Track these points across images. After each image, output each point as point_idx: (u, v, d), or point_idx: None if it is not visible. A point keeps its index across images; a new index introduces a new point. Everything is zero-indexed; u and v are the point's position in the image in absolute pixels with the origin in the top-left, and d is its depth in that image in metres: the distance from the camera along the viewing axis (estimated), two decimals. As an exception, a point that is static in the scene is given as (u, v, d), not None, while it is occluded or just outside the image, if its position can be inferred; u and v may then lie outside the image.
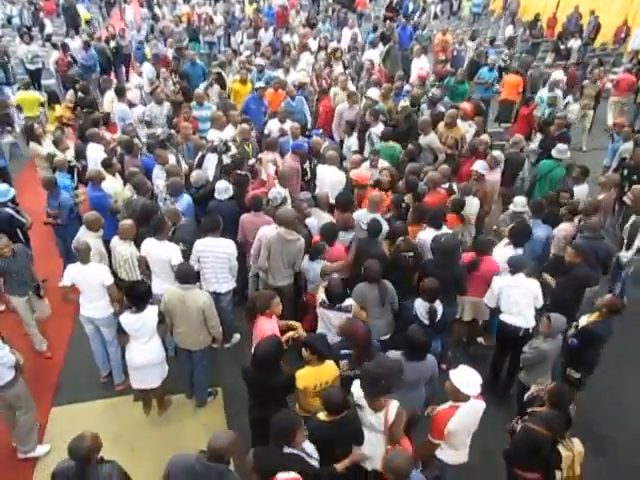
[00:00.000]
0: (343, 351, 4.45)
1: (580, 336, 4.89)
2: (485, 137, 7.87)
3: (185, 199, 6.44)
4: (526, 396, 4.56)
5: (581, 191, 7.06)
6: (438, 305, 4.92)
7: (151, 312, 4.87)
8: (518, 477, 4.07)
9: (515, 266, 5.32)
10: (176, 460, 3.47)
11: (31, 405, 4.91)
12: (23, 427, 4.87)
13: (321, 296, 5.02)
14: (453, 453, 4.02)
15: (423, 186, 6.73)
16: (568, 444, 3.92)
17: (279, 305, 4.79)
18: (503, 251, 5.78)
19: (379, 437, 3.90)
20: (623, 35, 16.83)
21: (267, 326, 4.62)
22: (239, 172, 6.84)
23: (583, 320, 5.01)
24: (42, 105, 10.62)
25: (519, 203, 6.57)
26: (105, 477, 3.44)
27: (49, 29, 16.66)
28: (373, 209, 6.08)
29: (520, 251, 5.73)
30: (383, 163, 7.30)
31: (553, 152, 7.75)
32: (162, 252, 5.41)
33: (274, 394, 4.19)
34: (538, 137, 9.11)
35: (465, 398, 3.81)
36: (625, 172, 7.89)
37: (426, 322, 4.80)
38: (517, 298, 5.22)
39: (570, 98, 10.97)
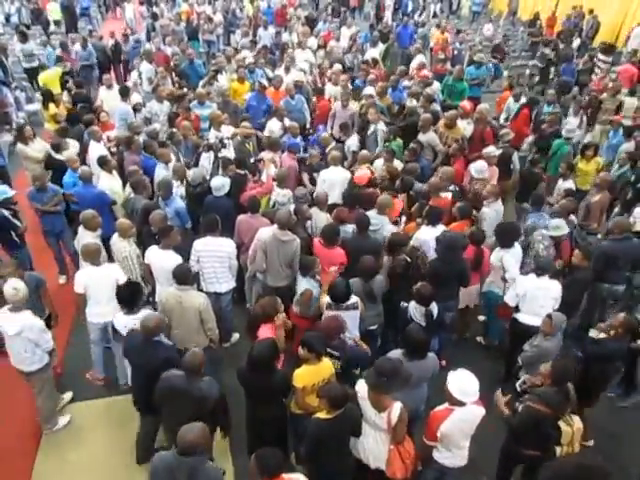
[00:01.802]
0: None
1: (587, 353, 4.81)
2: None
3: (176, 203, 6.34)
4: (518, 385, 4.51)
5: (567, 187, 7.08)
6: (433, 307, 4.91)
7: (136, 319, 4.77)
8: (519, 454, 4.14)
9: (543, 268, 5.28)
10: (157, 458, 3.49)
11: (53, 391, 5.16)
12: (45, 411, 5.13)
13: (325, 300, 5.00)
14: (450, 456, 3.98)
15: (419, 185, 6.74)
16: (568, 420, 3.99)
17: (281, 305, 4.83)
18: (498, 253, 5.78)
19: (382, 436, 3.91)
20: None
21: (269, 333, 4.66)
22: (238, 171, 6.82)
23: (593, 333, 4.89)
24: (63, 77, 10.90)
25: (560, 227, 5.94)
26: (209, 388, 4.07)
27: (52, 27, 16.69)
28: (382, 211, 6.01)
29: (512, 252, 5.70)
30: (397, 163, 7.25)
31: (563, 131, 8.46)
32: (165, 261, 5.30)
33: (270, 395, 4.19)
34: (528, 139, 8.94)
35: (460, 403, 3.78)
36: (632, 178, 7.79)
37: (422, 324, 4.79)
38: (542, 301, 5.20)
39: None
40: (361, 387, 3.93)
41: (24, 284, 4.63)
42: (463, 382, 3.77)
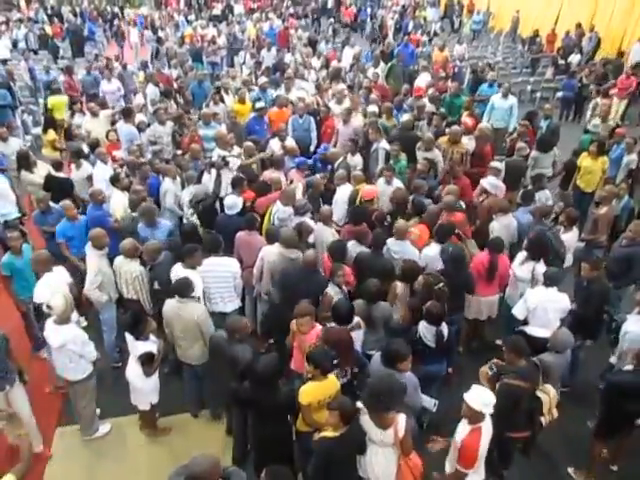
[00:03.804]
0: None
1: (605, 385, 4.72)
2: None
3: (164, 226, 6.26)
4: (488, 368, 4.50)
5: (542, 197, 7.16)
6: (444, 327, 4.84)
7: (142, 348, 4.82)
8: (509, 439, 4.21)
9: (551, 279, 5.28)
10: None
11: (93, 399, 5.21)
12: (84, 418, 5.25)
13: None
14: (476, 478, 3.91)
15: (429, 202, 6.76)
16: (544, 389, 4.24)
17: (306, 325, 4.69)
18: (524, 266, 5.80)
19: (391, 451, 3.86)
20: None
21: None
22: (262, 180, 6.94)
23: (613, 359, 4.86)
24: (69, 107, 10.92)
25: None
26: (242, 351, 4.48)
27: (61, 52, 16.96)
28: (401, 237, 5.88)
29: (540, 265, 5.71)
30: (397, 181, 7.29)
31: (589, 126, 9.41)
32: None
33: (274, 412, 4.17)
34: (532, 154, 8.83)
35: (483, 417, 3.77)
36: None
37: (432, 345, 4.74)
38: (550, 314, 5.21)
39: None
40: (363, 406, 3.90)
41: (63, 299, 4.68)
42: (482, 395, 3.77)
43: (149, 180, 7.44)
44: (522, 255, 5.92)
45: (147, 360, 4.81)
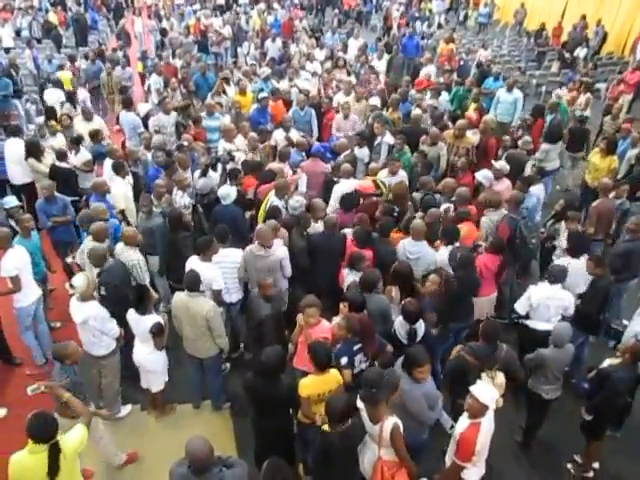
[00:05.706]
0: (356, 346, 4.48)
1: (592, 380, 4.71)
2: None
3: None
4: (454, 353, 4.66)
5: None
6: (419, 326, 4.75)
7: (150, 320, 4.87)
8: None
9: (556, 276, 5.23)
10: (173, 472, 3.40)
11: (117, 375, 5.28)
12: (108, 393, 5.28)
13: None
14: (477, 471, 3.95)
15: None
16: (491, 374, 4.38)
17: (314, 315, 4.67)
18: (563, 260, 5.76)
19: (375, 448, 3.89)
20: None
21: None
22: (267, 170, 6.96)
23: (605, 363, 4.76)
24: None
25: None
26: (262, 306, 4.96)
27: (64, 41, 16.87)
28: (419, 237, 5.71)
29: (581, 260, 5.67)
30: (402, 172, 7.28)
31: (553, 96, 10.91)
32: (204, 273, 5.13)
33: (276, 405, 4.18)
34: (543, 146, 8.89)
35: (485, 412, 3.78)
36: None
37: (404, 342, 4.70)
38: (552, 310, 5.21)
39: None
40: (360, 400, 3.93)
41: (84, 277, 4.85)
42: (486, 389, 3.84)
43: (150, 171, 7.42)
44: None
45: (158, 332, 4.87)
